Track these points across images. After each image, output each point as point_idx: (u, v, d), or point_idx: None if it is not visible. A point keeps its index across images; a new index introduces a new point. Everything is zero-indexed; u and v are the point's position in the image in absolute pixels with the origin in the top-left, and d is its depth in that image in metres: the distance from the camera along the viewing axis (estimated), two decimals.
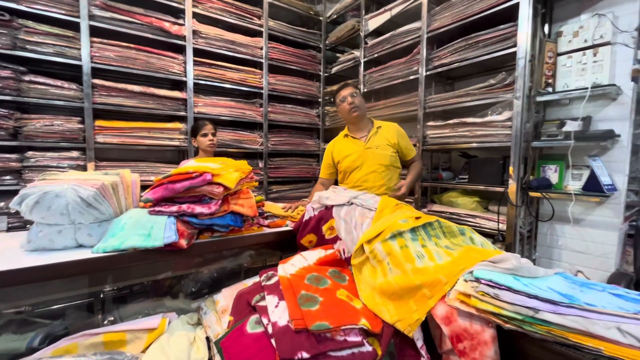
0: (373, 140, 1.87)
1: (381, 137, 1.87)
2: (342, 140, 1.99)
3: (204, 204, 1.12)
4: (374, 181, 1.82)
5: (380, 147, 1.85)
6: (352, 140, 1.93)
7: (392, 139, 1.86)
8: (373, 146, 1.85)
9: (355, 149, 1.89)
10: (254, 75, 2.81)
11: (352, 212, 1.22)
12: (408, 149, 1.90)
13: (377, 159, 1.83)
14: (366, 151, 1.85)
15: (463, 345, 0.73)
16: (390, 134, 1.87)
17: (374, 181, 1.82)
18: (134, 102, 2.25)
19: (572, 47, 1.69)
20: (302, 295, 0.89)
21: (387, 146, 1.85)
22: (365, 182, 1.84)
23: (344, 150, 1.94)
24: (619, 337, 0.57)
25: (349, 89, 1.89)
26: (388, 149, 1.84)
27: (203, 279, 1.40)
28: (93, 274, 0.98)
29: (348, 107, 1.85)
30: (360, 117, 1.89)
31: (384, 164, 1.83)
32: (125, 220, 1.08)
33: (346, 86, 1.92)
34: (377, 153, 1.84)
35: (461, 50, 2.01)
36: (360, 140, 1.90)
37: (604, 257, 1.63)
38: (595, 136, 1.57)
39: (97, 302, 1.32)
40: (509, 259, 0.79)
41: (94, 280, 1.02)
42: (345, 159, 1.92)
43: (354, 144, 1.91)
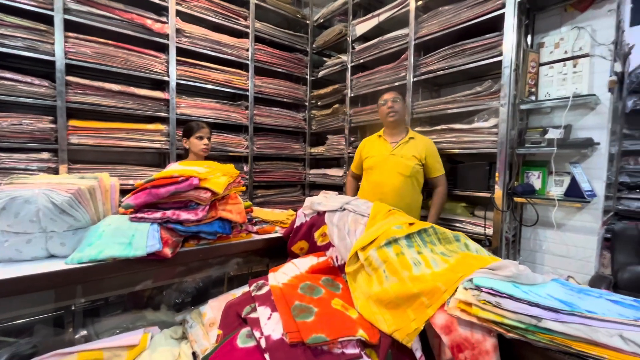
0: (401, 148, 1.91)
1: (410, 147, 1.90)
2: (375, 139, 2.06)
3: (190, 210, 1.06)
4: (390, 187, 1.85)
5: (405, 156, 1.88)
6: (383, 141, 2.01)
7: (420, 153, 1.88)
8: (399, 154, 1.90)
9: (381, 151, 1.96)
10: (239, 77, 2.75)
11: (344, 218, 1.19)
12: (434, 167, 1.91)
13: (399, 167, 1.87)
14: (390, 156, 1.91)
15: (464, 355, 0.72)
16: (420, 148, 1.90)
17: (390, 187, 1.85)
18: (112, 102, 2.14)
19: (553, 58, 1.75)
20: (296, 306, 0.85)
21: (413, 157, 1.87)
22: (382, 186, 1.87)
23: (372, 149, 2.02)
24: (622, 345, 0.57)
25: (392, 93, 1.98)
26: (412, 160, 1.87)
27: (187, 289, 1.33)
28: (67, 286, 0.90)
29: (386, 110, 1.93)
30: (395, 123, 1.95)
31: (404, 173, 1.85)
32: (104, 228, 1.00)
33: (390, 90, 2.04)
34: (400, 162, 1.87)
35: (448, 58, 2.05)
36: (390, 144, 1.96)
37: (584, 261, 1.68)
38: (576, 144, 1.63)
39: (68, 316, 1.22)
40: (507, 266, 0.78)
41: (67, 293, 0.94)
42: (370, 157, 1.99)
43: (382, 146, 1.98)
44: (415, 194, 1.91)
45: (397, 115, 1.93)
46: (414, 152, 1.87)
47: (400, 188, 1.85)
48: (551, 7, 1.83)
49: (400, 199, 1.80)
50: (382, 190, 1.85)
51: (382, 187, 1.87)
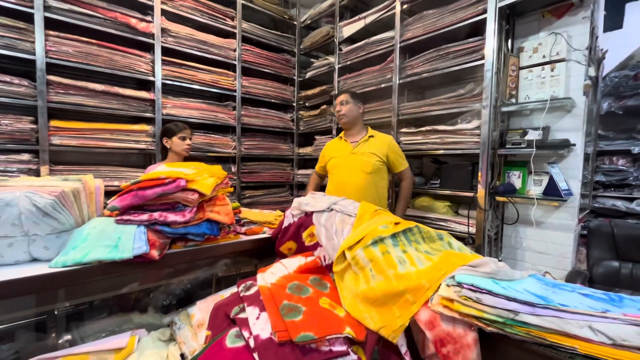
0: (361, 147, 1.95)
1: (370, 145, 1.94)
2: (337, 141, 2.12)
3: (177, 212, 1.06)
4: (353, 185, 1.88)
5: (365, 154, 1.91)
6: (343, 142, 2.05)
7: (380, 150, 1.92)
8: (359, 152, 1.93)
9: (342, 152, 2.00)
10: (226, 77, 2.74)
11: (332, 218, 1.21)
12: (397, 162, 1.96)
13: (360, 165, 1.90)
14: (351, 155, 1.95)
15: (447, 349, 0.74)
16: (380, 146, 1.94)
17: (353, 185, 1.88)
18: (96, 102, 2.09)
19: (532, 62, 1.82)
20: (284, 306, 0.86)
21: (373, 154, 1.91)
22: (345, 185, 1.90)
23: (333, 151, 2.06)
24: (591, 335, 0.61)
25: (341, 96, 2.01)
26: (373, 157, 1.90)
27: (174, 291, 1.32)
28: (51, 290, 0.88)
29: (337, 115, 2.02)
30: (347, 124, 2.01)
31: (365, 170, 1.89)
32: (89, 231, 0.99)
33: (341, 93, 2.04)
34: (362, 160, 1.91)
35: (432, 61, 2.10)
36: (350, 144, 2.01)
37: (561, 257, 1.76)
38: (554, 145, 1.70)
39: (51, 320, 1.19)
40: (487, 263, 0.82)
41: (50, 297, 0.92)
42: (332, 159, 2.03)
43: (343, 147, 2.03)
44: (379, 191, 1.94)
45: (345, 118, 1.98)
46: (374, 150, 1.92)
47: (363, 186, 1.88)
48: (530, 13, 1.91)
49: (363, 197, 1.81)
50: (345, 189, 1.88)
51: (345, 186, 1.90)
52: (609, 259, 1.74)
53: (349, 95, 2.00)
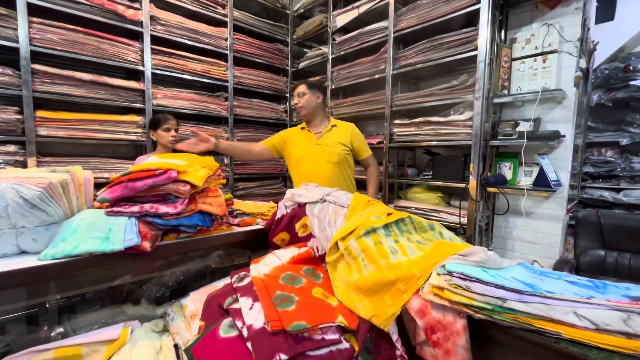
0: (325, 138, 1.92)
1: (334, 135, 1.91)
2: (299, 131, 2.05)
3: (169, 203, 1.05)
4: (320, 177, 1.84)
5: (330, 144, 1.89)
6: (307, 133, 1.99)
7: (345, 139, 1.90)
8: (324, 143, 1.90)
9: (306, 143, 1.95)
10: (218, 67, 2.69)
11: (325, 209, 1.21)
12: (361, 149, 1.95)
13: (326, 155, 1.88)
14: (316, 147, 1.91)
15: (437, 336, 0.76)
16: (344, 134, 1.91)
17: (320, 177, 1.84)
18: (83, 92, 2.04)
19: (525, 53, 1.83)
20: (277, 296, 0.86)
21: (339, 144, 1.89)
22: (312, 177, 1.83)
23: (297, 141, 1.99)
24: (576, 320, 0.63)
25: (298, 87, 1.94)
26: (338, 147, 1.89)
27: (167, 282, 1.32)
28: (40, 283, 0.87)
29: (295, 107, 1.96)
30: (307, 116, 1.96)
31: (331, 161, 1.87)
32: (78, 223, 0.97)
33: (296, 86, 1.97)
34: (327, 150, 1.88)
35: (426, 51, 2.09)
36: (314, 135, 1.96)
37: (550, 247, 1.80)
38: (544, 136, 1.72)
39: (43, 313, 1.18)
40: (477, 252, 0.83)
41: (41, 290, 0.91)
42: (296, 149, 1.97)
43: (306, 138, 1.97)
44: (347, 181, 1.94)
45: (304, 110, 1.92)
46: (339, 139, 1.90)
47: (331, 177, 1.87)
48: (523, 4, 1.90)
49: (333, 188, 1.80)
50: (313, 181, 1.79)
51: (312, 178, 1.83)
52: (595, 248, 1.79)
53: (306, 86, 1.94)
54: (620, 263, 1.68)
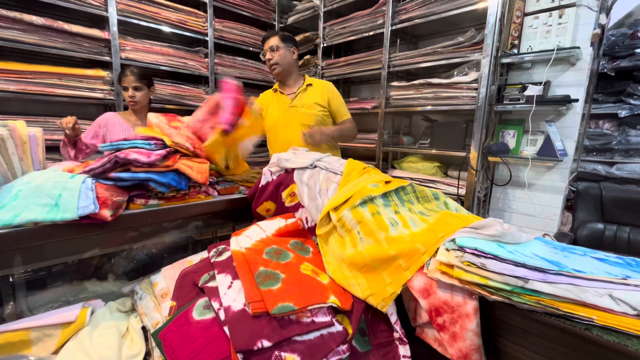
0: (300, 98, 1.73)
1: (310, 95, 1.73)
2: (271, 95, 1.84)
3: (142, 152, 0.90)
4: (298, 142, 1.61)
5: (306, 105, 1.71)
6: (279, 96, 1.80)
7: (322, 99, 1.72)
8: (299, 104, 1.72)
9: (279, 107, 1.77)
10: (196, 18, 2.39)
11: (315, 175, 1.08)
12: (339, 111, 1.76)
13: (302, 118, 1.70)
14: (290, 109, 1.73)
15: (442, 319, 0.67)
16: (320, 93, 1.73)
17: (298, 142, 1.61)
18: (36, 39, 1.76)
19: (540, 7, 1.65)
20: (260, 273, 0.75)
21: (315, 105, 1.71)
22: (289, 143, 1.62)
23: (270, 106, 1.80)
24: (613, 305, 0.53)
25: (270, 39, 1.70)
26: (314, 108, 1.71)
27: (138, 256, 1.19)
28: None
29: (268, 64, 1.72)
30: (281, 74, 1.74)
31: (307, 124, 1.69)
32: (21, 187, 0.81)
33: (269, 36, 1.72)
34: (302, 112, 1.70)
35: (429, 3, 1.88)
36: (287, 97, 1.77)
37: (548, 219, 1.74)
38: (554, 100, 1.59)
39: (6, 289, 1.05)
40: (492, 224, 0.72)
41: None
42: (269, 116, 1.79)
43: (279, 101, 1.78)
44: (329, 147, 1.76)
45: (279, 67, 1.71)
46: (315, 99, 1.71)
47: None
48: None
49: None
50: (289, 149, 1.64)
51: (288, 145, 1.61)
52: (594, 221, 1.75)
53: (279, 38, 1.70)
54: (619, 237, 1.64)
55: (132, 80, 1.69)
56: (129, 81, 1.69)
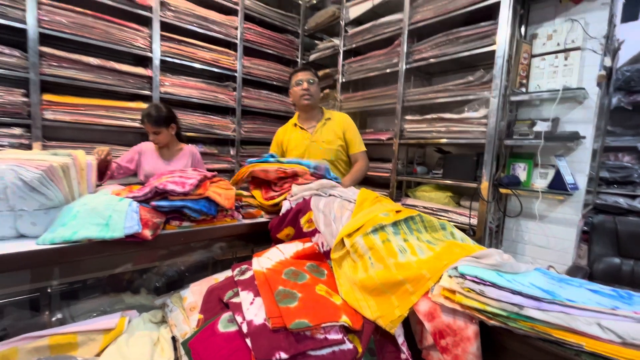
0: (320, 133, 1.78)
1: (329, 129, 1.78)
2: (292, 130, 1.90)
3: (177, 182, 1.03)
4: None
5: (326, 140, 1.76)
6: (299, 131, 1.85)
7: (339, 131, 1.77)
8: (319, 139, 1.77)
9: (301, 142, 1.81)
10: (227, 57, 2.65)
11: (330, 204, 1.17)
12: (353, 142, 1.78)
13: (322, 153, 1.75)
14: (311, 145, 1.78)
15: (446, 342, 0.72)
16: (338, 126, 1.78)
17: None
18: (91, 77, 2.02)
19: (546, 50, 1.75)
20: (279, 291, 0.83)
21: (334, 140, 1.76)
22: None
23: (292, 141, 1.85)
24: (600, 332, 0.58)
25: (307, 73, 1.78)
26: (334, 143, 1.76)
27: (168, 272, 1.30)
28: (38, 268, 0.85)
29: (300, 92, 1.75)
30: (310, 107, 1.80)
31: (327, 159, 1.74)
32: (79, 208, 0.95)
33: (306, 70, 1.80)
34: (323, 147, 1.75)
35: (442, 45, 2.02)
36: (307, 131, 1.82)
37: (563, 252, 1.73)
38: (563, 137, 1.64)
39: (44, 299, 1.17)
40: (492, 254, 0.79)
41: (40, 274, 0.89)
42: (290, 149, 1.85)
43: (301, 136, 1.83)
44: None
45: (312, 100, 1.76)
46: (334, 133, 1.76)
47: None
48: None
49: None
50: None
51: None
52: (610, 255, 1.72)
53: (314, 74, 1.79)
54: (637, 272, 1.61)
55: (150, 127, 1.78)
56: (147, 128, 1.79)
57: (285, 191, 1.31)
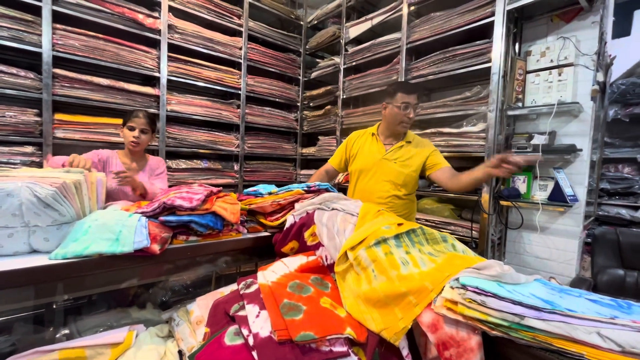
0: (395, 152, 1.62)
1: (406, 152, 1.61)
2: (367, 137, 1.72)
3: (185, 197, 1.06)
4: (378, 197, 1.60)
5: (399, 161, 1.60)
6: (376, 141, 1.68)
7: (419, 158, 1.59)
8: (391, 158, 1.61)
9: (372, 153, 1.66)
10: (231, 76, 2.73)
11: (334, 217, 1.19)
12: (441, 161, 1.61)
13: (391, 174, 1.59)
14: (383, 161, 1.62)
15: (449, 353, 0.73)
16: (418, 154, 1.60)
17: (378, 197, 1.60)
18: (101, 96, 2.10)
19: (540, 66, 1.81)
20: (284, 304, 0.85)
21: (408, 164, 1.59)
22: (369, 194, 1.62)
23: (364, 149, 1.69)
24: (600, 341, 0.59)
25: (416, 97, 1.56)
26: (407, 168, 1.58)
27: (174, 287, 1.31)
28: (50, 282, 0.87)
29: (402, 117, 1.55)
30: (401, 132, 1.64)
31: (395, 182, 1.59)
32: (90, 223, 0.98)
33: (416, 92, 1.57)
34: (393, 168, 1.59)
35: (439, 63, 2.09)
36: (384, 146, 1.66)
37: (566, 264, 1.73)
38: (560, 150, 1.68)
39: (50, 314, 1.18)
40: (492, 265, 0.80)
41: (49, 289, 0.91)
42: (359, 158, 1.69)
43: (375, 147, 1.67)
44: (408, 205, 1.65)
45: (409, 127, 1.61)
46: (410, 158, 1.60)
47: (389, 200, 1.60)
48: (538, 17, 1.89)
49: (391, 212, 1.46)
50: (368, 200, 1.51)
51: (372, 195, 1.61)
52: (614, 267, 1.72)
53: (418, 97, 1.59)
54: None
55: (143, 122, 1.67)
56: (139, 123, 1.66)
57: (287, 211, 1.34)
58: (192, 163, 2.54)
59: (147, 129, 1.70)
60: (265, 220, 1.36)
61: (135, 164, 1.74)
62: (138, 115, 1.66)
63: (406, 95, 1.54)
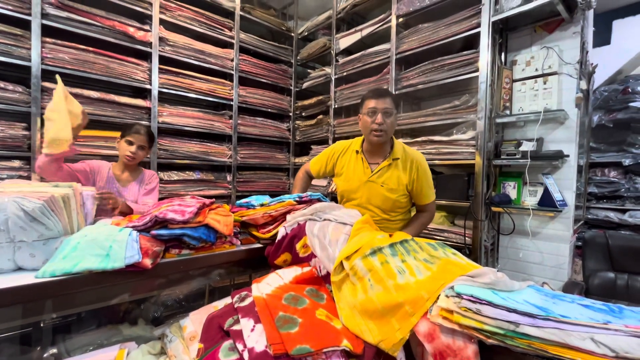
0: (382, 174, 1.45)
1: (394, 173, 1.45)
2: (352, 155, 1.54)
3: (177, 210, 1.05)
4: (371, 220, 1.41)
5: (386, 184, 1.44)
6: (361, 161, 1.50)
7: (405, 178, 1.44)
8: (378, 182, 1.45)
9: (357, 174, 1.49)
10: (223, 87, 2.74)
11: (324, 228, 1.19)
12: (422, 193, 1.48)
13: (377, 198, 1.46)
14: (369, 183, 1.46)
15: None
16: (406, 171, 1.45)
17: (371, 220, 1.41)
18: (91, 109, 2.08)
19: (525, 75, 1.86)
20: (280, 317, 0.84)
21: (396, 188, 1.44)
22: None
23: (348, 168, 1.53)
24: (594, 347, 0.60)
25: (385, 101, 1.39)
26: (395, 192, 1.44)
27: (166, 301, 1.28)
28: (37, 301, 0.85)
29: (371, 126, 1.40)
30: (378, 144, 1.45)
31: (383, 207, 1.47)
32: (79, 239, 0.96)
33: (384, 96, 1.41)
34: (379, 192, 1.45)
35: (428, 72, 2.13)
36: (369, 166, 1.49)
37: (558, 268, 1.75)
38: (548, 156, 1.72)
39: (37, 333, 1.15)
40: (486, 273, 0.81)
41: (36, 308, 0.88)
42: (344, 178, 1.54)
43: (359, 168, 1.50)
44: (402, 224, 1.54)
45: (384, 137, 1.41)
46: (398, 179, 1.45)
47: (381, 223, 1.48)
48: (522, 28, 1.96)
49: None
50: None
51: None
52: (604, 270, 1.75)
53: (393, 102, 1.41)
54: (632, 286, 1.63)
55: (143, 139, 1.67)
56: (139, 139, 1.66)
57: (280, 222, 1.33)
58: (185, 174, 2.52)
59: (145, 146, 1.71)
60: (258, 233, 1.34)
61: (128, 174, 1.75)
62: (139, 131, 1.67)
63: (372, 99, 1.41)
